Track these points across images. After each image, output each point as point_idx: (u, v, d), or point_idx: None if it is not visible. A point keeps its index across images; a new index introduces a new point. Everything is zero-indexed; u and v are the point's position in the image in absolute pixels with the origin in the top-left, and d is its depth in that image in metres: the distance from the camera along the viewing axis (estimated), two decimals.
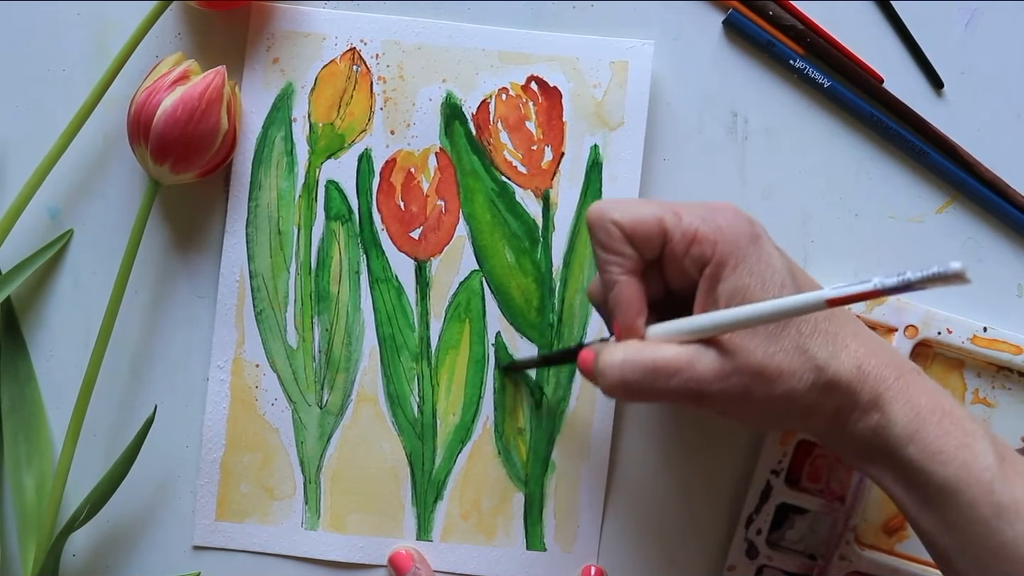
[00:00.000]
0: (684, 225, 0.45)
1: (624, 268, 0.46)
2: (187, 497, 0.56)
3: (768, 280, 0.44)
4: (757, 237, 0.45)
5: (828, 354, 0.45)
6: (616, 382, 0.45)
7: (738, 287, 0.44)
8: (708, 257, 0.45)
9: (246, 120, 0.56)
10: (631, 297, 0.46)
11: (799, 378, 0.44)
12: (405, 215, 0.56)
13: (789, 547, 0.57)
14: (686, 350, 0.44)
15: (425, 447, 0.56)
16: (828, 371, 0.44)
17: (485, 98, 0.56)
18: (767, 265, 0.44)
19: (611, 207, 0.46)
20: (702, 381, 0.44)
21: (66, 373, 0.56)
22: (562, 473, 0.56)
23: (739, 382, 0.44)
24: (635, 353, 0.45)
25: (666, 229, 0.45)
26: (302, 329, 0.56)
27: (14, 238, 0.54)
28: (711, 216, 0.45)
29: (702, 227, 0.45)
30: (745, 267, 0.44)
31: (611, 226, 0.46)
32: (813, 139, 0.57)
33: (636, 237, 0.45)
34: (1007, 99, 0.57)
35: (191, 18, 0.56)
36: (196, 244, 0.56)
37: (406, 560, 0.55)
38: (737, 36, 0.57)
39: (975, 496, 0.43)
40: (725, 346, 0.44)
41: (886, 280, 0.38)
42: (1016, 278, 0.57)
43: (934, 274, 0.37)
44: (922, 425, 0.44)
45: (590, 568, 0.56)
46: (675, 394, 0.44)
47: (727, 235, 0.45)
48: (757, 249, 0.45)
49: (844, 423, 0.45)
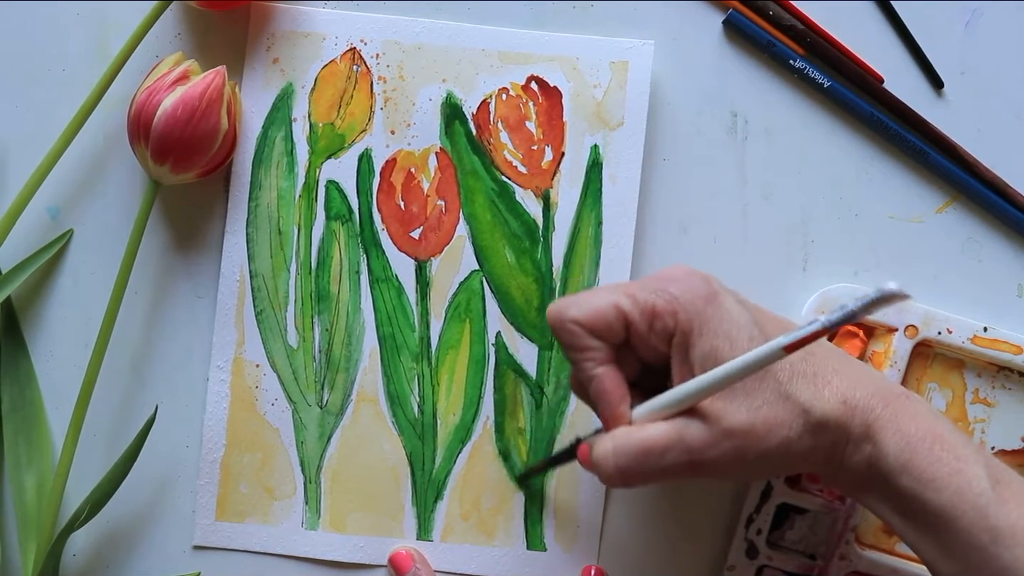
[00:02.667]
0: (641, 304, 0.45)
1: (596, 361, 0.46)
2: (187, 497, 0.56)
3: (735, 336, 0.44)
4: (714, 296, 0.45)
5: (811, 395, 0.45)
6: (612, 471, 0.45)
7: (707, 350, 0.44)
8: (672, 329, 0.45)
9: (246, 120, 0.56)
10: (610, 387, 0.46)
11: (789, 426, 0.44)
12: (405, 215, 0.56)
13: (789, 547, 0.57)
14: (673, 425, 0.44)
15: (425, 447, 0.56)
16: (815, 413, 0.44)
17: (485, 98, 0.56)
18: (730, 322, 0.45)
19: (566, 306, 0.46)
20: (694, 452, 0.44)
21: (66, 373, 0.56)
22: (562, 473, 0.56)
23: (731, 445, 0.44)
24: (624, 439, 0.45)
25: (625, 313, 0.46)
26: (302, 329, 0.56)
27: (14, 238, 0.54)
28: (664, 288, 0.46)
29: (658, 302, 0.45)
30: (709, 329, 0.45)
31: (572, 326, 0.46)
32: (813, 139, 0.57)
33: (598, 330, 0.46)
34: (1007, 99, 0.57)
35: (191, 18, 0.56)
36: (196, 244, 0.56)
37: (406, 560, 0.55)
38: (737, 36, 0.57)
39: (971, 522, 0.43)
40: (709, 414, 0.44)
41: (831, 316, 0.39)
42: (1016, 278, 0.57)
43: (873, 299, 0.38)
44: (913, 454, 0.44)
45: (590, 568, 0.56)
46: (672, 470, 0.45)
47: (684, 302, 0.45)
48: (716, 308, 0.45)
49: (840, 459, 0.46)
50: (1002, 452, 0.57)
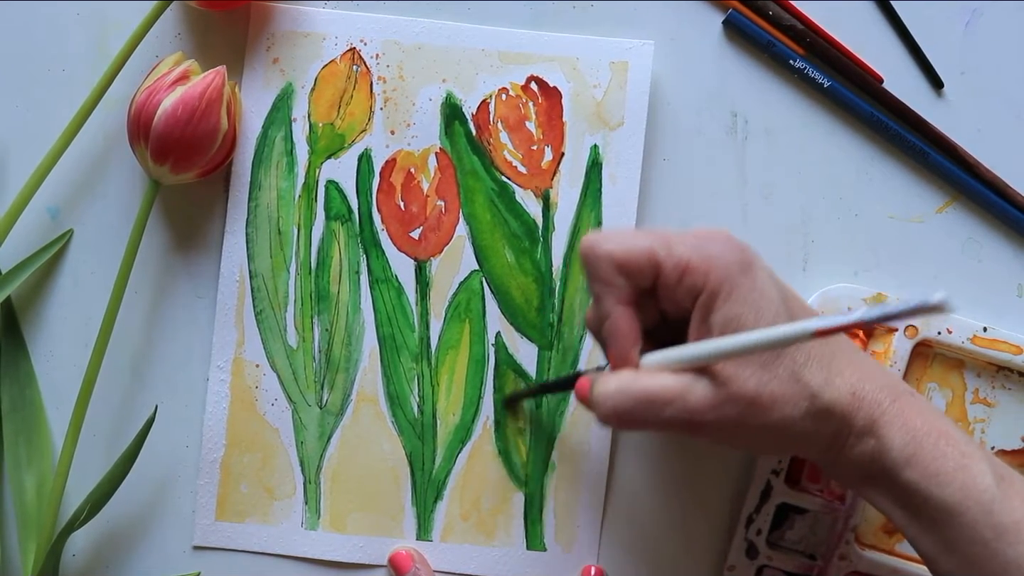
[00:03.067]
0: (675, 256, 0.45)
1: (617, 298, 0.46)
2: (187, 497, 0.56)
3: (762, 309, 0.44)
4: (749, 266, 0.45)
5: (822, 381, 0.45)
6: (609, 411, 0.45)
7: (731, 316, 0.44)
8: (700, 287, 0.45)
9: (246, 120, 0.56)
10: (625, 327, 0.46)
11: (793, 406, 0.44)
12: (405, 215, 0.56)
13: (789, 547, 0.57)
14: (679, 380, 0.44)
15: (425, 447, 0.56)
16: (822, 398, 0.44)
17: (485, 98, 0.56)
18: (760, 294, 0.44)
19: (602, 238, 0.46)
20: (695, 411, 0.44)
21: (66, 373, 0.56)
22: (562, 473, 0.56)
23: (733, 411, 0.44)
24: (628, 383, 0.45)
25: (657, 260, 0.45)
26: (302, 329, 0.56)
27: (14, 238, 0.54)
28: (702, 245, 0.45)
29: (693, 257, 0.45)
30: (738, 296, 0.44)
31: (603, 257, 0.46)
32: (813, 139, 0.57)
33: (628, 268, 0.46)
34: (1007, 99, 0.57)
35: (191, 18, 0.56)
36: (196, 244, 0.56)
37: (406, 560, 0.55)
38: (737, 36, 0.57)
39: (974, 517, 0.43)
40: (718, 375, 0.44)
41: (869, 312, 0.39)
42: (1016, 278, 0.57)
43: (915, 306, 0.38)
44: (919, 448, 0.44)
45: (590, 568, 0.56)
46: (669, 423, 0.44)
47: (719, 265, 0.45)
48: (750, 278, 0.45)
49: (841, 449, 0.45)
50: (1002, 452, 0.57)
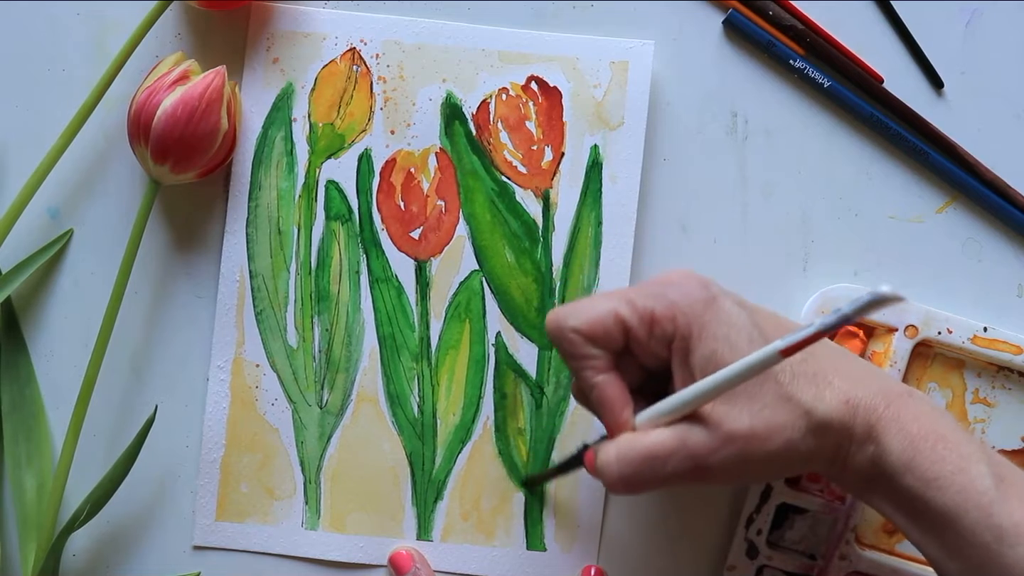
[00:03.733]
0: (640, 310, 0.45)
1: (597, 369, 0.46)
2: (187, 497, 0.56)
3: (734, 340, 0.44)
4: (712, 300, 0.45)
5: (812, 396, 0.45)
6: (616, 479, 0.45)
7: (708, 355, 0.44)
8: (671, 334, 0.45)
9: (246, 120, 0.56)
10: (612, 395, 0.46)
11: (792, 428, 0.44)
12: (405, 215, 0.56)
13: (789, 547, 0.57)
14: (675, 431, 0.44)
15: (425, 447, 0.56)
16: (817, 413, 0.44)
17: (485, 98, 0.56)
18: (729, 326, 0.45)
19: (565, 315, 0.46)
20: (698, 457, 0.44)
21: (66, 373, 0.56)
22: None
23: (734, 449, 0.44)
24: (627, 446, 0.45)
25: (623, 320, 0.46)
26: (302, 329, 0.56)
27: (14, 238, 0.54)
28: (663, 293, 0.46)
29: (657, 307, 0.45)
30: (708, 333, 0.44)
31: (571, 335, 0.46)
32: (813, 139, 0.57)
33: (597, 338, 0.46)
34: (1007, 99, 0.57)
35: (191, 18, 0.56)
36: (196, 244, 0.56)
37: (406, 560, 0.55)
38: (737, 36, 0.57)
39: (974, 521, 0.43)
40: (710, 418, 0.44)
41: (826, 320, 0.39)
42: (1016, 278, 0.57)
43: (867, 302, 0.38)
44: (916, 453, 0.44)
45: (590, 568, 0.56)
46: (676, 476, 0.45)
47: (682, 308, 0.45)
48: (714, 312, 0.45)
49: (844, 459, 0.45)
50: (1002, 452, 0.57)
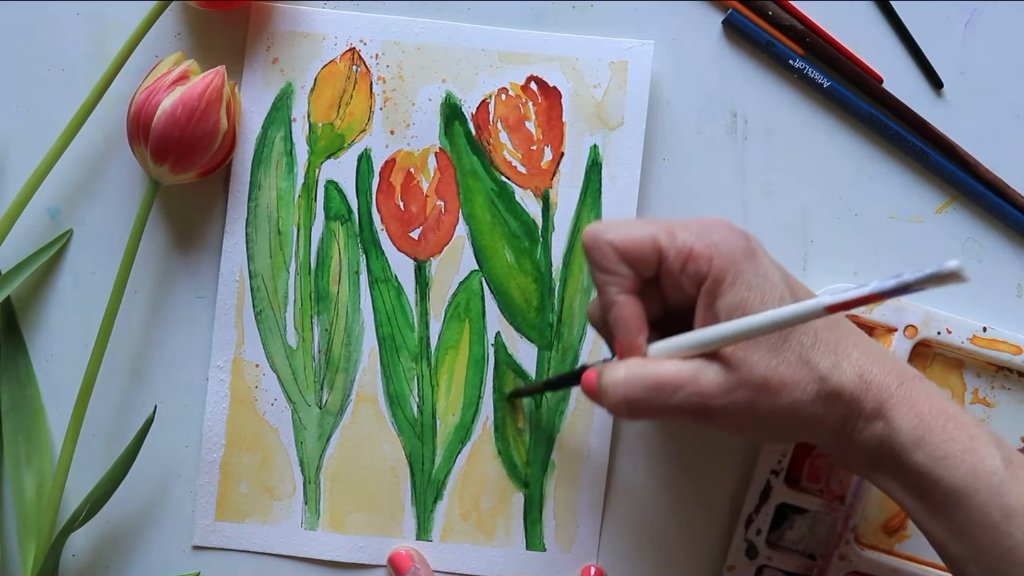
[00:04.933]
0: (679, 243, 0.45)
1: (621, 288, 0.46)
2: (187, 497, 0.56)
3: (766, 293, 0.44)
4: (752, 251, 0.45)
5: (830, 364, 0.44)
6: (619, 400, 0.45)
7: (737, 301, 0.44)
8: (705, 273, 0.45)
9: (246, 120, 0.56)
10: (630, 315, 0.46)
11: (802, 389, 0.44)
12: (405, 215, 0.56)
13: (789, 547, 0.57)
14: (689, 365, 0.44)
15: (425, 447, 0.56)
16: (831, 381, 0.44)
17: (485, 98, 0.56)
18: (764, 278, 0.44)
19: (605, 228, 0.46)
20: (706, 396, 0.44)
21: (66, 373, 0.56)
22: (562, 473, 0.56)
23: (743, 395, 0.44)
24: (638, 370, 0.45)
25: (661, 248, 0.45)
26: (302, 329, 0.56)
27: (14, 238, 0.54)
28: (705, 232, 0.45)
29: (697, 244, 0.45)
30: (743, 281, 0.44)
31: (606, 247, 0.46)
32: (813, 139, 0.57)
33: (631, 257, 0.46)
34: (1007, 99, 0.57)
35: (191, 18, 0.56)
36: (196, 244, 0.56)
37: (406, 560, 0.55)
38: (737, 36, 0.57)
39: (983, 500, 0.43)
40: (728, 360, 0.44)
41: (884, 283, 0.38)
42: (1016, 278, 0.57)
43: (930, 274, 0.37)
44: (927, 431, 0.44)
45: (590, 568, 0.56)
46: (679, 410, 0.44)
47: (722, 250, 0.45)
48: (753, 263, 0.45)
49: (850, 433, 0.45)
50: None
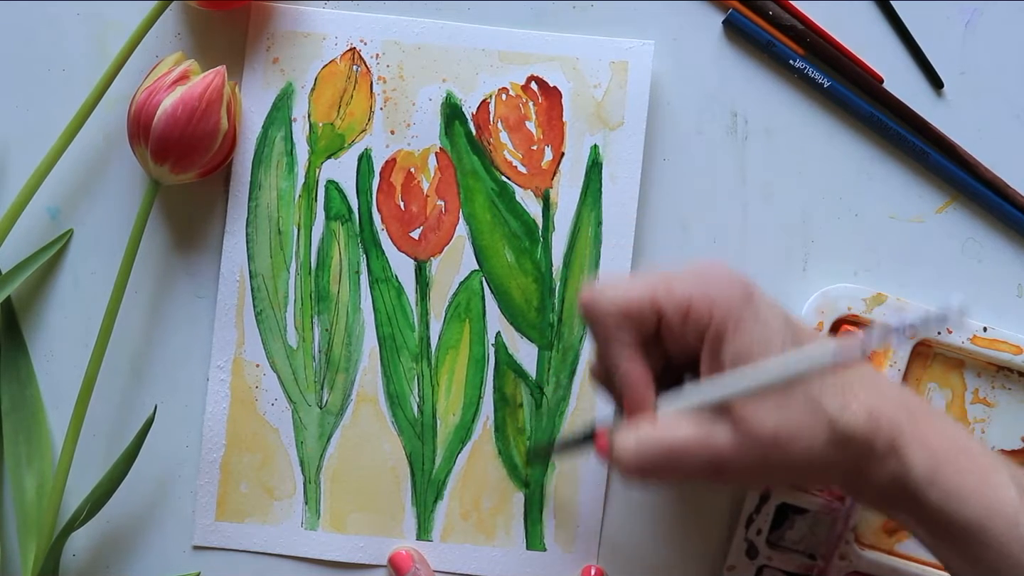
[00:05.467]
0: (677, 298, 0.45)
1: (624, 350, 0.45)
2: (187, 497, 0.56)
3: (768, 339, 0.44)
4: (750, 297, 0.45)
5: (839, 407, 0.44)
6: (632, 467, 0.44)
7: (740, 350, 0.44)
8: (706, 324, 0.44)
9: (246, 120, 0.56)
10: (637, 378, 0.45)
11: (813, 436, 0.43)
12: (405, 215, 0.56)
13: (789, 547, 0.57)
14: (699, 428, 0.44)
15: (425, 447, 0.56)
16: (840, 424, 0.43)
17: (485, 98, 0.56)
18: (765, 324, 0.44)
19: (601, 292, 0.46)
20: (719, 457, 0.43)
21: (66, 373, 0.56)
22: (562, 473, 0.56)
23: (756, 452, 0.43)
24: (648, 436, 0.44)
25: (659, 306, 0.45)
26: (302, 329, 0.56)
27: (14, 238, 0.54)
28: (702, 283, 0.45)
29: (695, 296, 0.44)
30: (744, 329, 0.44)
31: (605, 310, 0.45)
32: (813, 139, 0.57)
33: (631, 317, 0.45)
34: (1007, 99, 0.57)
35: (191, 18, 0.56)
36: (196, 244, 0.56)
37: (406, 560, 0.55)
38: (737, 36, 0.57)
39: (1000, 532, 0.43)
40: (737, 417, 0.43)
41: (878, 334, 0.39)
42: (1016, 278, 0.57)
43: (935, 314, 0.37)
44: (939, 467, 0.43)
45: (590, 568, 0.56)
46: (694, 472, 0.44)
47: (721, 300, 0.44)
48: (752, 309, 0.44)
49: (863, 474, 0.45)
50: (1002, 452, 0.57)
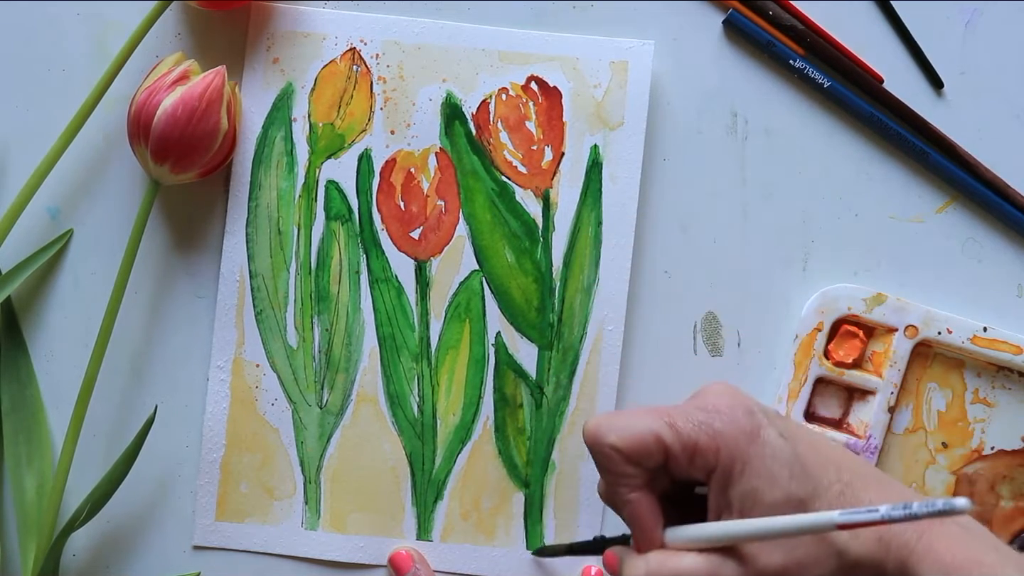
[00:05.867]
0: (683, 438, 0.44)
1: (631, 487, 0.45)
2: (187, 497, 0.56)
3: (776, 475, 0.43)
4: (756, 432, 0.44)
5: (847, 535, 0.43)
6: None
7: (748, 491, 0.43)
8: (713, 465, 0.44)
9: (246, 120, 0.56)
10: (645, 512, 0.45)
11: (822, 567, 0.43)
12: (405, 215, 0.56)
13: None
14: (707, 562, 0.44)
15: (425, 447, 0.56)
16: (849, 553, 0.43)
17: (485, 98, 0.56)
18: (772, 460, 0.44)
19: (606, 430, 0.45)
20: None
21: (66, 373, 0.56)
22: (562, 473, 0.56)
23: None
24: (657, 568, 0.44)
25: (665, 445, 0.44)
26: (302, 329, 0.56)
27: (14, 238, 0.54)
28: (708, 420, 0.44)
29: (701, 438, 0.44)
30: (751, 470, 0.43)
31: (610, 451, 0.45)
32: (813, 139, 0.57)
33: (636, 458, 0.45)
34: (1007, 99, 0.57)
35: (191, 18, 0.56)
36: (196, 244, 0.56)
37: (406, 560, 0.55)
38: (737, 36, 0.57)
39: None
40: (744, 554, 0.43)
41: (893, 512, 0.39)
42: (1016, 278, 0.57)
43: (939, 509, 0.37)
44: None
45: (590, 568, 0.56)
46: None
47: (727, 439, 0.44)
48: (758, 446, 0.44)
49: None
50: (1002, 452, 0.57)
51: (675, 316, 0.57)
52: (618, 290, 0.56)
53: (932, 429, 0.57)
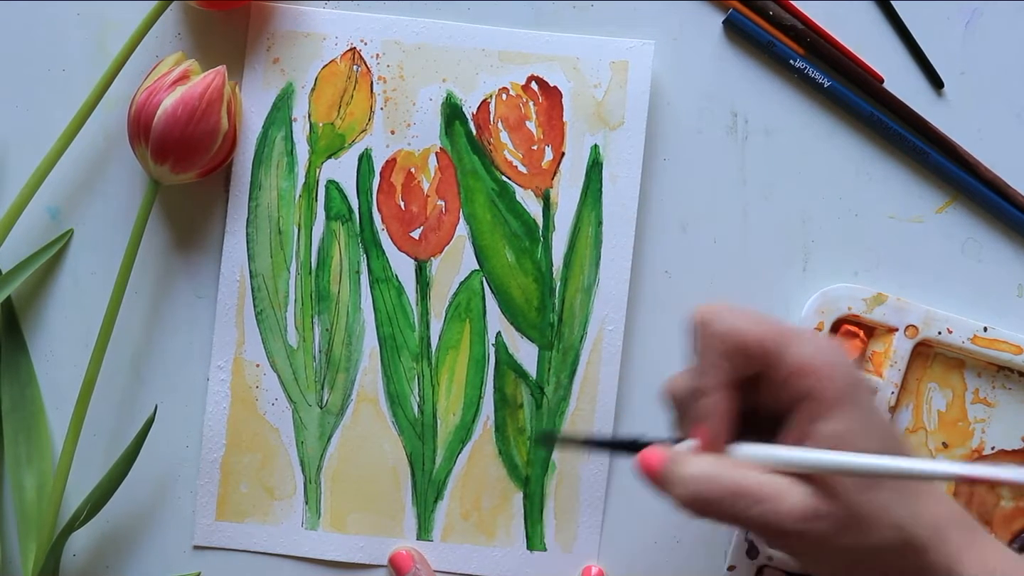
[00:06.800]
0: (791, 356, 0.43)
1: (719, 380, 0.44)
2: (187, 497, 0.56)
3: (869, 430, 0.42)
4: (861, 384, 0.43)
5: (911, 514, 0.42)
6: (692, 496, 0.43)
7: (838, 431, 0.42)
8: (806, 393, 0.42)
9: (246, 120, 0.56)
10: (722, 410, 0.44)
11: (882, 535, 0.42)
12: (405, 215, 0.56)
13: None
14: (777, 481, 0.42)
15: (425, 447, 0.56)
16: (907, 531, 0.42)
17: (485, 98, 0.56)
18: (870, 414, 0.43)
19: (720, 315, 0.44)
20: (786, 517, 0.41)
21: (66, 373, 0.56)
22: (562, 473, 0.56)
23: (825, 527, 0.42)
24: (719, 470, 0.43)
25: (768, 356, 0.43)
26: (302, 329, 0.56)
27: (14, 238, 0.54)
28: (819, 352, 0.43)
29: (816, 361, 0.43)
30: (850, 411, 0.42)
31: (718, 337, 0.44)
32: (813, 139, 0.57)
33: (736, 356, 0.44)
34: (1007, 99, 0.57)
35: (191, 18, 0.56)
36: (196, 244, 0.56)
37: (406, 560, 0.55)
38: (737, 36, 0.57)
39: None
40: (824, 486, 0.42)
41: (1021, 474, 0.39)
42: (1016, 278, 0.57)
43: None
44: None
45: (590, 568, 0.56)
46: (751, 522, 0.42)
47: (839, 375, 0.42)
48: (866, 399, 0.43)
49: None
50: (1002, 452, 0.57)
51: (675, 316, 0.57)
52: (618, 290, 0.56)
53: (932, 429, 0.57)
